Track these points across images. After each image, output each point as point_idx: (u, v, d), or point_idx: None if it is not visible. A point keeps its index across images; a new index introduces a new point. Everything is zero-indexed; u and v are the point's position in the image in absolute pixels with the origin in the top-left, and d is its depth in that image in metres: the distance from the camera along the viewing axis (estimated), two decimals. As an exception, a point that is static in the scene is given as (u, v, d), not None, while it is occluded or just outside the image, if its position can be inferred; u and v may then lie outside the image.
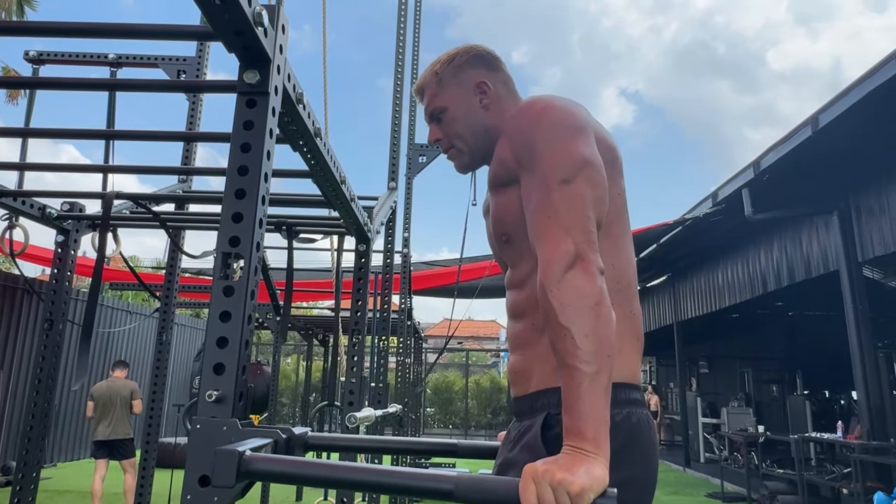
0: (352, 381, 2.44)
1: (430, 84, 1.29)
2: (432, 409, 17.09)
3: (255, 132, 1.14)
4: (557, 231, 0.96)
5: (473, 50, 1.30)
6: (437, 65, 1.30)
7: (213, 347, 1.06)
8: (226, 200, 1.11)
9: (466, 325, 37.60)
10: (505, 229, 1.15)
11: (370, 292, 3.67)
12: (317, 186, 1.89)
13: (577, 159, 1.02)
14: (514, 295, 1.17)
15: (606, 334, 0.89)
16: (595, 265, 0.93)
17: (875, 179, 5.88)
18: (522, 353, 1.14)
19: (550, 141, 1.04)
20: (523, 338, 1.13)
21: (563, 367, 0.88)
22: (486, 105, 1.26)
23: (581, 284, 0.91)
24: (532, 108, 1.11)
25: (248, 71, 1.15)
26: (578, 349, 0.87)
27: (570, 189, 0.99)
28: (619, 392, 0.98)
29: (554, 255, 0.94)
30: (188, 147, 3.49)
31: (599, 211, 1.02)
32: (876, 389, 5.96)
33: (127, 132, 2.46)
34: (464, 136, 1.27)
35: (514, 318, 1.18)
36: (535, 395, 1.08)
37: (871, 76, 4.64)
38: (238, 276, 1.08)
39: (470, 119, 1.26)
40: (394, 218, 3.52)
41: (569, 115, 1.08)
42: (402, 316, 5.16)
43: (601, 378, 0.86)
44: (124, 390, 5.91)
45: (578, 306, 0.89)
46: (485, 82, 1.26)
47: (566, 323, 0.88)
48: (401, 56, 4.29)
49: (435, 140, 1.31)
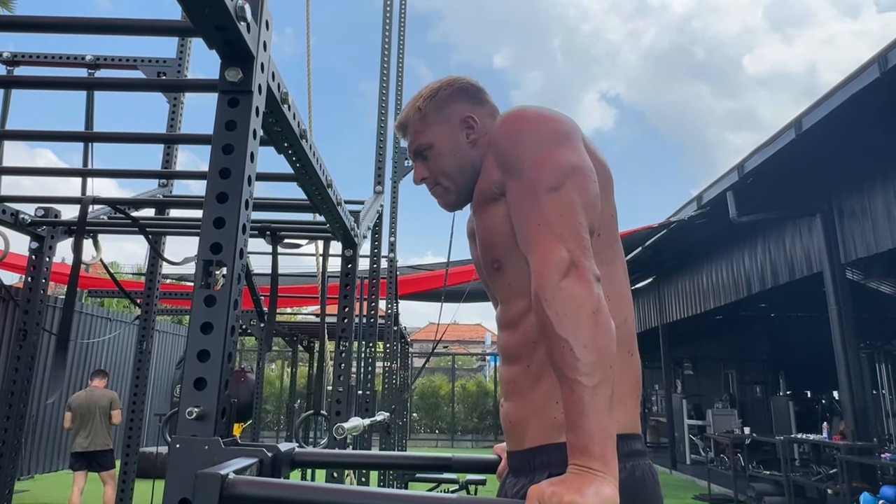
0: (339, 389, 2.38)
1: (413, 120, 1.22)
2: (418, 414, 16.99)
3: (238, 133, 1.08)
4: (549, 239, 0.91)
5: (457, 83, 1.23)
6: (419, 100, 1.23)
7: (194, 361, 0.99)
8: (207, 205, 1.05)
9: (452, 329, 37.48)
10: (496, 255, 1.09)
11: (356, 297, 3.61)
12: (302, 190, 1.83)
13: (564, 165, 0.98)
14: (507, 336, 1.10)
15: (607, 343, 0.84)
16: (591, 272, 0.89)
17: (857, 182, 5.94)
18: (517, 402, 1.07)
19: (536, 147, 1.00)
20: (517, 384, 1.06)
21: (563, 380, 0.84)
22: (474, 141, 1.19)
23: (577, 293, 0.86)
24: (517, 117, 1.06)
25: (231, 68, 1.09)
26: (578, 360, 0.82)
27: (559, 196, 0.95)
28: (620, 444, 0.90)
29: (547, 263, 0.89)
30: (169, 150, 3.41)
31: (591, 217, 0.98)
32: (860, 390, 6.01)
33: (105, 134, 2.38)
34: (450, 174, 1.20)
35: (507, 361, 1.11)
36: (534, 451, 1.01)
37: (853, 80, 4.68)
38: (220, 285, 1.02)
39: (456, 156, 1.19)
40: (380, 222, 3.47)
41: (555, 122, 1.04)
42: (389, 321, 5.09)
43: (604, 390, 0.82)
44: (103, 400, 5.77)
45: (576, 315, 0.84)
46: (471, 117, 1.20)
47: (564, 333, 0.84)
48: (386, 59, 4.24)
49: (421, 179, 1.24)
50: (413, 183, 1.26)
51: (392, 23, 4.37)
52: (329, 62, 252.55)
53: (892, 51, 4.25)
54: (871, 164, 5.74)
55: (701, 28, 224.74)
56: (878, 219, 5.66)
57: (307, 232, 2.65)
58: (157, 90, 1.66)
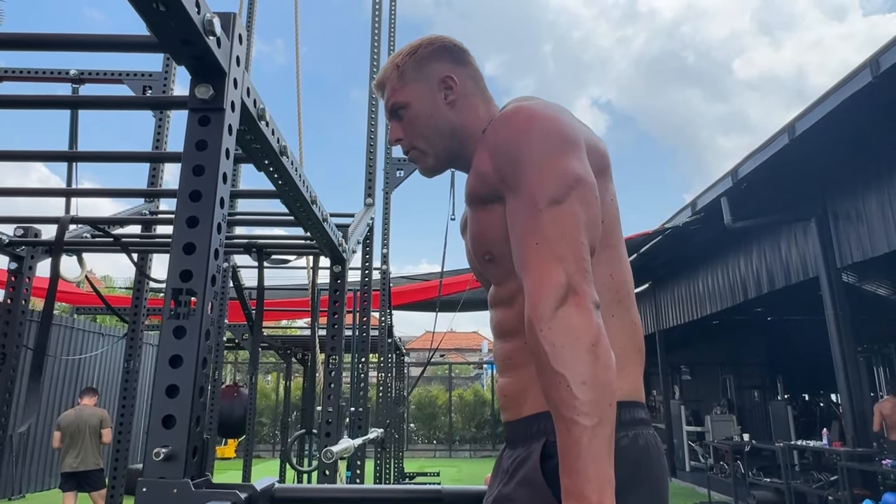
0: (328, 409, 2.31)
1: (390, 78, 1.16)
2: (415, 424, 16.86)
3: (210, 153, 1.03)
4: (547, 260, 0.84)
5: (438, 41, 1.17)
6: (397, 57, 1.17)
7: (162, 397, 0.93)
8: (176, 230, 1.00)
9: (449, 337, 37.34)
10: (488, 247, 1.03)
11: (348, 310, 3.53)
12: (286, 207, 1.78)
13: (568, 176, 0.90)
14: (502, 313, 1.05)
15: (607, 380, 0.77)
16: (590, 299, 0.82)
17: (852, 185, 5.92)
18: (514, 374, 1.01)
19: (538, 155, 0.92)
20: (514, 358, 1.01)
21: (559, 419, 0.77)
22: (452, 102, 1.13)
23: (576, 323, 0.79)
24: (516, 117, 0.98)
25: (200, 85, 1.03)
26: (576, 399, 0.75)
27: (560, 210, 0.87)
28: (622, 412, 0.86)
29: (543, 288, 0.82)
30: (155, 168, 3.34)
31: (593, 235, 0.91)
32: (858, 395, 5.97)
33: (89, 153, 2.32)
34: (427, 136, 1.14)
35: (502, 337, 1.06)
36: (530, 419, 0.96)
37: (845, 84, 4.66)
38: (191, 315, 0.96)
39: (434, 117, 1.13)
40: (371, 234, 3.41)
41: (558, 126, 0.96)
42: (383, 333, 5.02)
43: (603, 431, 0.75)
44: (93, 419, 5.67)
45: (574, 348, 0.78)
46: (451, 76, 1.13)
47: (560, 368, 0.77)
48: (375, 68, 4.20)
49: (395, 140, 1.18)
50: (388, 144, 1.21)
51: (381, 31, 4.34)
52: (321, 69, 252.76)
53: (883, 55, 4.23)
54: (864, 167, 5.73)
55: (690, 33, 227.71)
56: (873, 222, 5.64)
57: (295, 248, 2.58)
58: (133, 108, 1.61)
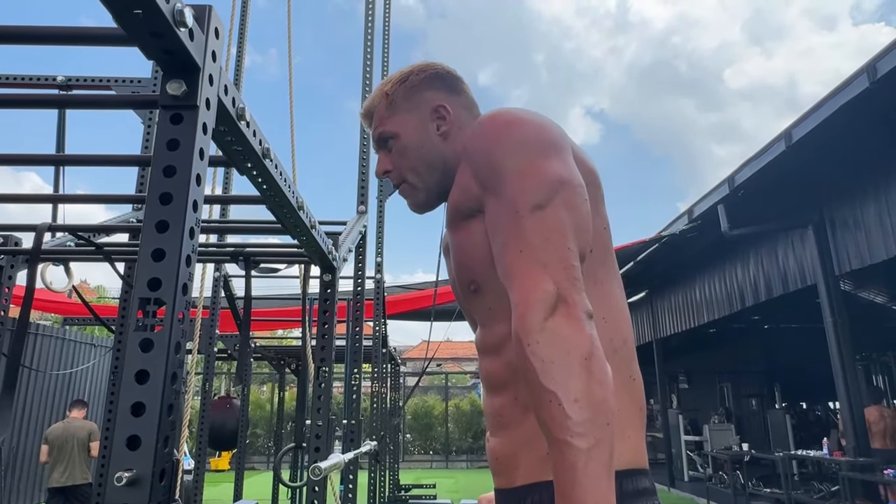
0: (318, 423, 2.24)
1: (378, 106, 1.10)
2: (411, 435, 16.70)
3: (181, 153, 0.96)
4: (532, 268, 0.78)
5: (430, 68, 1.11)
6: (386, 84, 1.10)
7: (126, 415, 0.86)
8: (144, 235, 0.93)
9: (445, 346, 37.15)
10: (472, 275, 0.96)
11: (340, 320, 3.46)
12: (272, 214, 1.71)
13: (551, 179, 0.84)
14: (489, 363, 0.97)
15: (602, 396, 0.70)
16: (581, 308, 0.75)
17: (849, 192, 5.89)
18: (504, 435, 0.93)
19: (518, 158, 0.86)
20: (504, 416, 0.93)
21: (552, 441, 0.70)
22: (445, 133, 1.06)
23: (566, 334, 0.73)
24: (495, 121, 0.92)
25: (172, 81, 0.96)
26: (568, 419, 0.68)
27: (544, 216, 0.81)
28: (624, 482, 0.80)
29: (530, 298, 0.76)
30: (144, 173, 3.27)
31: (582, 241, 0.84)
32: (858, 404, 5.91)
33: (76, 157, 2.25)
34: (417, 170, 1.07)
35: (491, 390, 0.97)
36: (525, 489, 0.88)
37: (842, 90, 4.63)
38: (159, 327, 0.89)
39: (425, 149, 1.06)
40: (364, 242, 3.34)
41: (539, 129, 0.90)
42: (377, 342, 4.94)
43: (600, 453, 0.68)
44: (81, 432, 5.56)
45: (565, 363, 0.71)
46: (444, 106, 1.07)
47: (550, 385, 0.70)
48: (368, 77, 4.16)
49: (384, 172, 1.11)
50: (376, 176, 1.14)
51: (374, 41, 4.30)
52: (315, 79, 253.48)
53: (880, 60, 4.21)
54: (862, 174, 5.70)
55: (682, 42, 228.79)
56: (871, 229, 5.60)
57: (285, 256, 2.51)
58: (118, 107, 1.54)
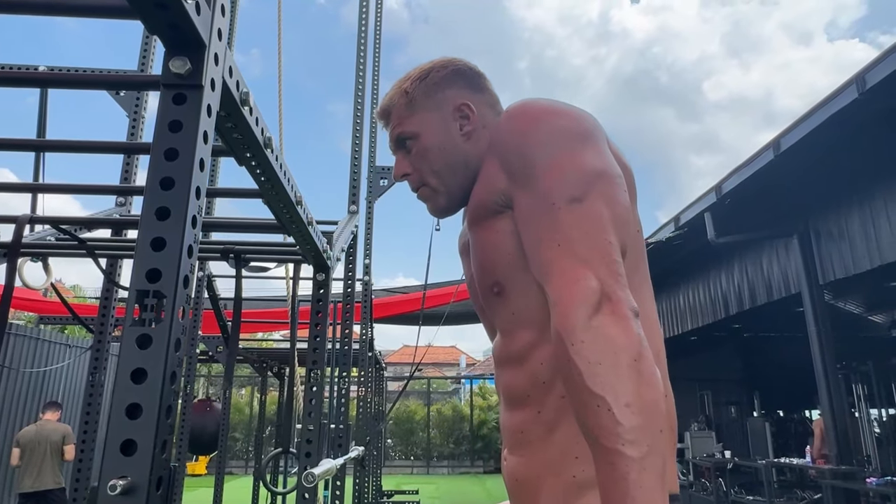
0: (309, 427, 2.16)
1: (397, 105, 1.04)
2: (392, 440, 16.56)
3: (184, 135, 0.89)
4: (572, 263, 0.73)
5: (452, 64, 1.04)
6: (406, 81, 1.04)
7: (121, 418, 0.79)
8: (143, 223, 0.86)
9: (424, 350, 36.93)
10: (496, 277, 0.90)
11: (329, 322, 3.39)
12: (269, 208, 1.64)
13: (588, 170, 0.79)
14: (511, 374, 0.90)
15: (654, 400, 0.65)
16: (627, 305, 0.70)
17: (835, 203, 5.95)
18: (526, 453, 0.87)
19: (551, 150, 0.81)
20: (526, 434, 0.86)
21: (600, 451, 0.64)
22: (469, 133, 1.00)
23: (613, 333, 0.67)
24: (525, 112, 0.87)
25: (176, 58, 0.90)
26: (619, 425, 0.63)
27: (581, 208, 0.76)
28: None
29: (573, 295, 0.70)
30: (128, 164, 3.16)
31: (623, 234, 0.79)
32: (841, 411, 5.95)
33: (57, 143, 2.16)
34: (439, 172, 1.01)
35: (511, 405, 0.91)
36: None
37: (832, 100, 4.67)
38: (157, 323, 0.82)
39: (447, 150, 1.00)
40: (355, 244, 3.27)
41: (572, 119, 0.85)
42: (364, 346, 4.87)
43: (654, 462, 0.62)
44: (55, 435, 5.39)
45: (614, 364, 0.66)
46: (467, 104, 1.01)
47: (599, 389, 0.65)
48: (361, 78, 4.10)
49: (402, 175, 1.05)
50: (393, 179, 1.07)
51: (367, 43, 4.24)
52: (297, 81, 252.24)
53: (869, 71, 4.25)
54: (847, 184, 5.76)
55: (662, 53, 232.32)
56: (855, 239, 5.66)
57: (276, 254, 2.44)
58: (111, 88, 1.47)
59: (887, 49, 4.11)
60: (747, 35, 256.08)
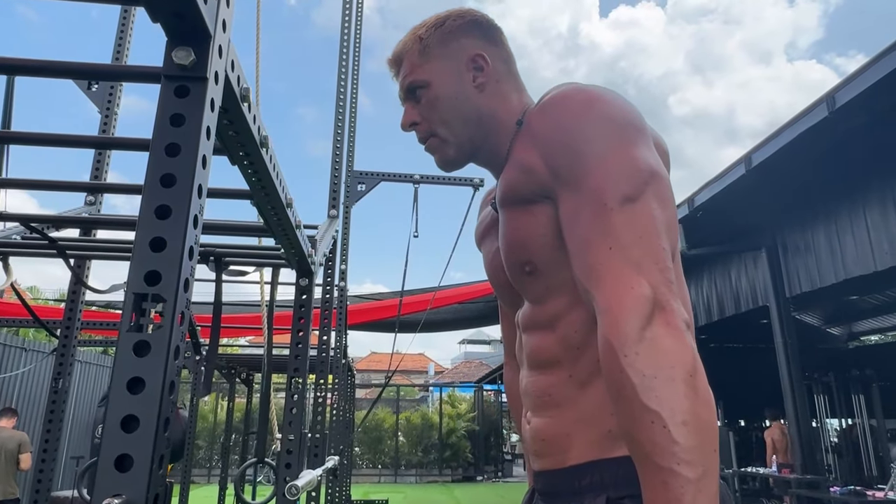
0: (290, 437, 2.09)
1: (410, 51, 1.00)
2: (360, 448, 16.37)
3: (187, 130, 0.84)
4: (624, 268, 0.69)
5: (469, 14, 1.01)
6: (421, 28, 1.01)
7: (116, 431, 0.73)
8: (142, 222, 0.80)
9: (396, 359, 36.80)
10: (529, 255, 0.86)
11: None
12: (257, 210, 1.58)
13: (641, 169, 0.75)
14: (539, 338, 0.88)
15: (709, 419, 0.62)
16: (680, 316, 0.68)
17: (801, 218, 6.11)
18: (554, 413, 0.84)
19: (603, 144, 0.77)
20: (555, 395, 0.84)
21: (652, 470, 0.61)
22: (482, 85, 0.98)
23: (667, 346, 0.64)
24: (572, 99, 0.82)
25: (180, 48, 0.85)
26: (676, 444, 0.60)
27: (635, 210, 0.73)
28: None
29: (623, 302, 0.67)
30: (99, 160, 3.03)
31: (673, 239, 0.76)
32: (806, 421, 6.09)
33: (25, 135, 2.05)
34: (450, 122, 0.98)
35: (538, 368, 0.88)
36: (580, 469, 0.79)
37: (802, 118, 4.80)
38: (155, 328, 0.77)
39: (460, 100, 0.97)
40: (335, 248, 3.22)
41: (622, 110, 0.80)
42: (339, 353, 4.79)
43: (709, 485, 0.59)
44: (10, 442, 5.15)
45: (668, 379, 0.63)
46: (482, 55, 0.98)
47: (653, 404, 0.61)
48: (343, 81, 4.05)
49: (410, 124, 1.02)
50: (401, 128, 1.02)
51: (349, 50, 4.21)
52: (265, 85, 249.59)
53: (840, 91, 4.38)
54: (814, 200, 5.92)
55: (629, 68, 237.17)
56: (821, 254, 5.82)
57: (257, 258, 2.37)
58: (93, 78, 1.39)
59: (857, 69, 4.24)
60: (710, 53, 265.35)
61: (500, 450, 17.63)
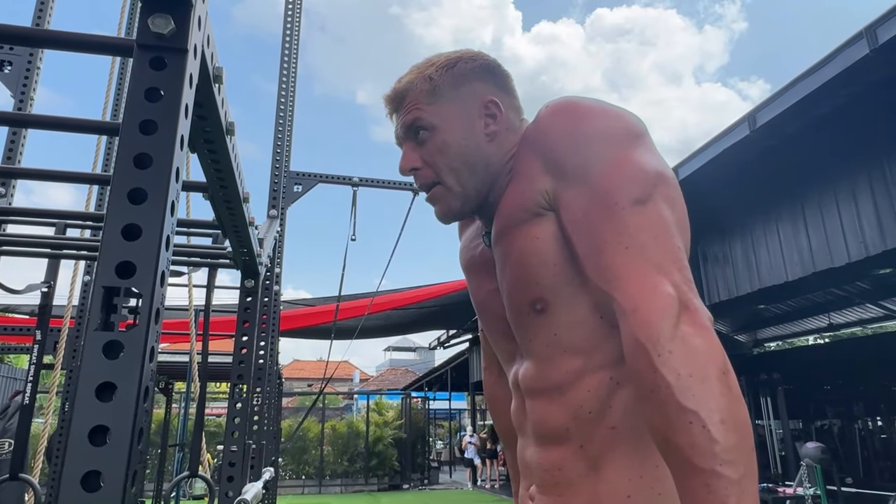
0: (232, 448, 1.97)
1: (417, 91, 0.92)
2: (283, 459, 15.83)
3: (164, 105, 0.75)
4: (645, 267, 0.68)
5: (481, 58, 0.95)
6: (429, 67, 0.93)
7: (81, 443, 0.63)
8: (112, 206, 0.71)
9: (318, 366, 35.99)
10: (540, 292, 0.81)
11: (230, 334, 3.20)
12: (211, 204, 1.47)
13: (649, 171, 0.75)
14: (545, 406, 0.82)
15: (745, 417, 0.61)
16: (704, 315, 0.67)
17: (720, 230, 6.47)
18: (564, 494, 0.79)
19: (609, 148, 0.76)
20: (565, 472, 0.78)
21: (692, 473, 0.59)
22: (493, 133, 0.90)
23: (698, 344, 0.63)
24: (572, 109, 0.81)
25: (158, 15, 0.76)
26: (716, 443, 0.58)
27: (646, 211, 0.72)
28: None
29: (653, 303, 0.65)
30: (13, 138, 2.67)
31: (686, 239, 0.76)
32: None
33: None
34: (458, 171, 0.90)
35: (544, 440, 0.82)
36: None
37: (726, 135, 5.09)
38: (128, 326, 0.68)
39: (470, 148, 0.89)
40: (275, 250, 3.09)
41: (622, 118, 0.80)
42: (271, 360, 4.60)
43: (751, 485, 0.58)
44: None
45: (703, 377, 0.61)
46: (496, 102, 0.91)
47: (690, 404, 0.60)
48: (284, 83, 3.93)
49: (411, 169, 0.93)
50: (399, 171, 0.94)
51: (290, 52, 4.09)
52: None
53: (760, 111, 4.67)
54: (732, 214, 6.29)
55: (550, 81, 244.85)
56: (738, 265, 6.18)
57: (196, 257, 2.23)
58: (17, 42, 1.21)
59: (776, 92, 4.54)
60: (626, 71, 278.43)
61: (427, 457, 17.57)
